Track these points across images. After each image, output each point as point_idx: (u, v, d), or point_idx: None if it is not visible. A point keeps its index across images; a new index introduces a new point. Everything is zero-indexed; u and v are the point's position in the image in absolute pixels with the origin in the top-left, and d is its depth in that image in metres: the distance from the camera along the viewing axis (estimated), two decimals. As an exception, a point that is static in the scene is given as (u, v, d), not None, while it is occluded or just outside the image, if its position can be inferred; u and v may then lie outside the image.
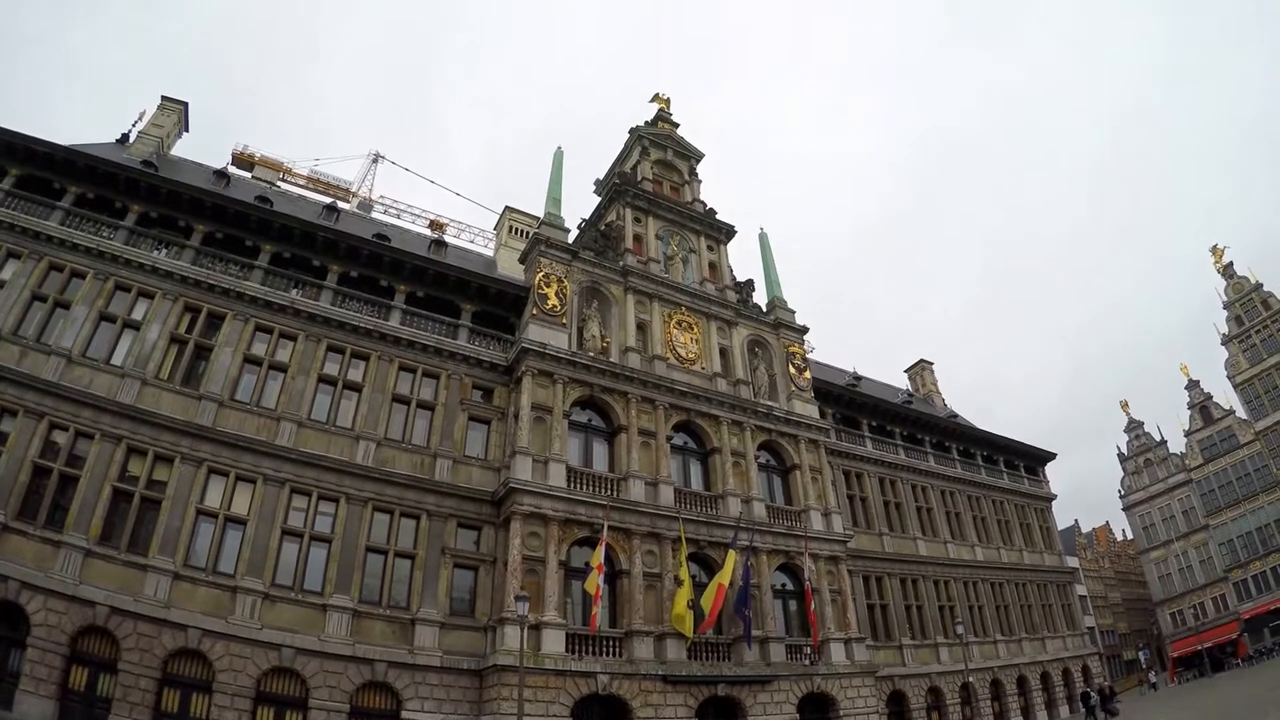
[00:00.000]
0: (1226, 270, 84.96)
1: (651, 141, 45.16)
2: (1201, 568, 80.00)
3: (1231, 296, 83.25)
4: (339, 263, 32.87)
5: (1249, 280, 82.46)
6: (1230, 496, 78.68)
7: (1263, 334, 79.51)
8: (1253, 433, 77.97)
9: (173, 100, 41.80)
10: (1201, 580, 79.52)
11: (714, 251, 43.58)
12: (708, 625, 30.08)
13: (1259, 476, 76.57)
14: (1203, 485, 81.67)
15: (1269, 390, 77.47)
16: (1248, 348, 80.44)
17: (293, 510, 27.06)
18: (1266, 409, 77.15)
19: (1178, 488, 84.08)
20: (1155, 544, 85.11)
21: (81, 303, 27.59)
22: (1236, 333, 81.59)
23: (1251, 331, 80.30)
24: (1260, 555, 74.29)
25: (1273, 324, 78.80)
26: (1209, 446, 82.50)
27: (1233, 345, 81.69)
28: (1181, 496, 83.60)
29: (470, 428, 31.97)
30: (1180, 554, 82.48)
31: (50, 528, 23.42)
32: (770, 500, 36.80)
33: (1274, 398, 76.88)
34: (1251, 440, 77.96)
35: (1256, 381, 78.63)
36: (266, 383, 29.12)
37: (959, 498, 49.50)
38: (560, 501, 29.57)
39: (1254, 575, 74.56)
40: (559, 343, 33.58)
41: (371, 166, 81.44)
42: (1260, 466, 76.65)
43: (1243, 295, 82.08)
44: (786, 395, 40.31)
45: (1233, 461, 79.48)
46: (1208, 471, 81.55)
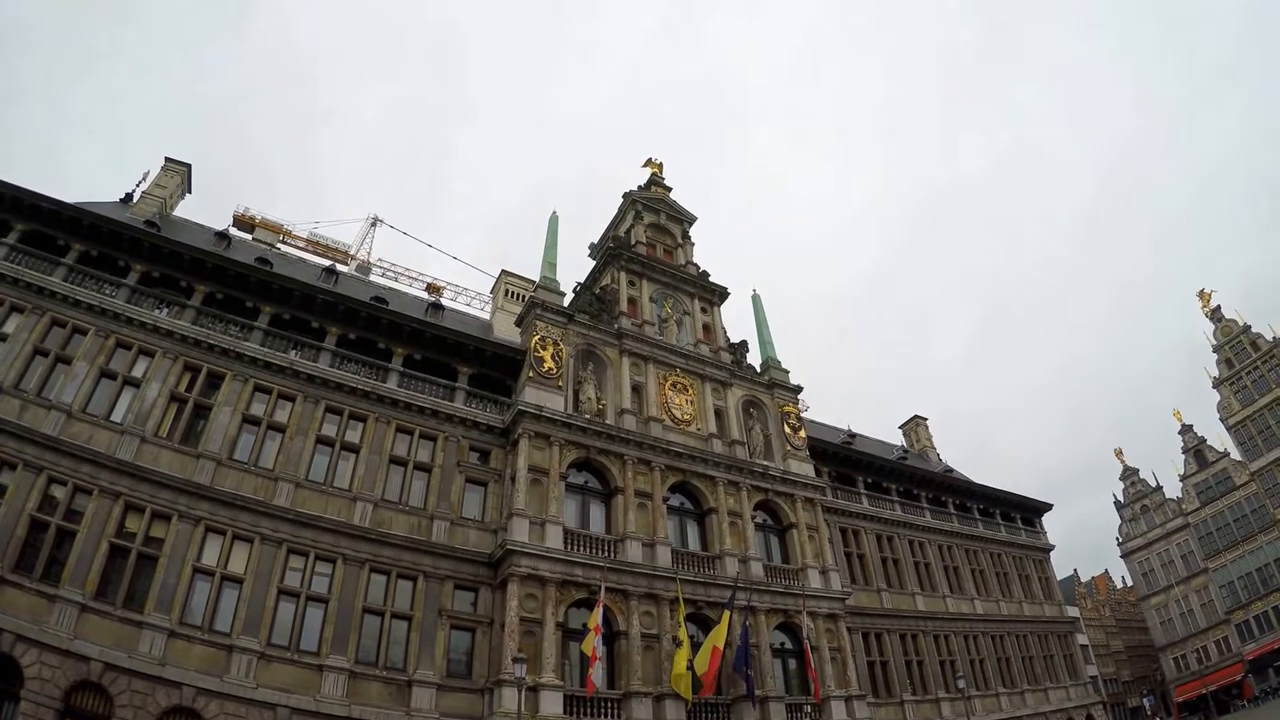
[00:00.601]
0: (1215, 314, 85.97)
1: (645, 205, 45.88)
2: (1203, 611, 79.93)
3: (1221, 339, 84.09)
4: (337, 325, 33.10)
5: (1237, 323, 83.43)
6: (1228, 538, 78.77)
7: (1253, 375, 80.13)
8: (1248, 474, 78.36)
9: (176, 162, 42.43)
10: (1203, 624, 79.43)
11: (707, 313, 44.05)
12: (706, 690, 29.88)
13: (1256, 517, 76.74)
14: (1200, 529, 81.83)
15: (1262, 430, 77.92)
16: (1239, 389, 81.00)
17: (289, 570, 26.91)
18: (1261, 449, 77.56)
19: (1175, 532, 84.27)
20: (1155, 590, 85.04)
21: (83, 359, 27.68)
22: (1227, 375, 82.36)
23: (1242, 373, 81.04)
24: (1261, 595, 74.38)
25: (1263, 364, 79.52)
26: (1205, 490, 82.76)
27: (1224, 388, 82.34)
28: (1180, 541, 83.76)
29: (467, 489, 31.95)
30: (1181, 598, 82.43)
31: (46, 581, 23.28)
32: (768, 559, 36.79)
33: (1268, 438, 77.33)
34: (1247, 481, 78.33)
35: (1249, 422, 79.14)
36: (265, 442, 29.11)
37: (956, 551, 49.25)
38: (557, 563, 29.52)
39: (1256, 615, 74.55)
40: (555, 405, 33.78)
41: (370, 230, 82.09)
42: (1257, 507, 76.90)
43: (1231, 338, 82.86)
44: (782, 455, 40.48)
45: (1229, 503, 79.73)
46: (1205, 515, 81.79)
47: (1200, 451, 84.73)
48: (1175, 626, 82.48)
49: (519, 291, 48.82)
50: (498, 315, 47.36)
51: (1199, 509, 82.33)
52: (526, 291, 47.03)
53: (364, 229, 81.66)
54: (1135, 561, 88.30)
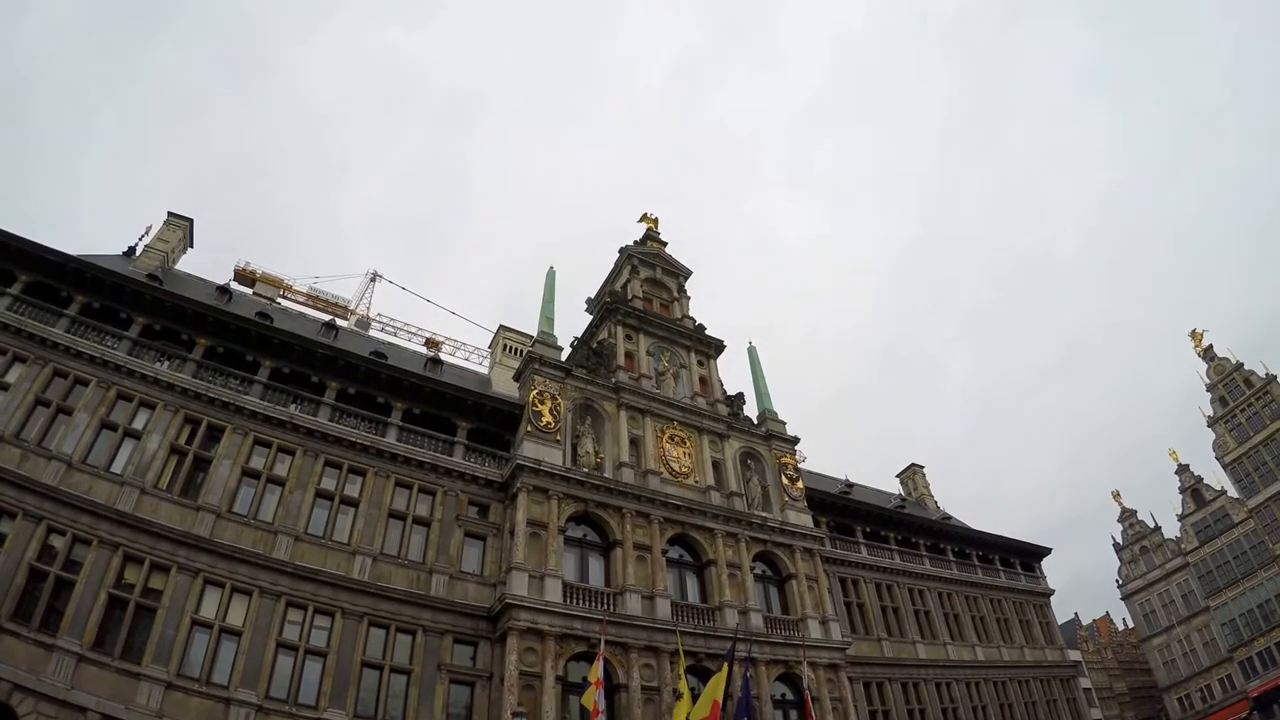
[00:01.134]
0: (1207, 353, 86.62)
1: (641, 260, 46.46)
2: (1205, 650, 79.46)
3: (1214, 378, 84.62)
4: (337, 379, 33.35)
5: (1230, 361, 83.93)
6: (1229, 576, 78.50)
7: (1247, 412, 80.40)
8: (1245, 511, 78.28)
9: (178, 216, 42.90)
10: (1206, 662, 78.89)
11: (704, 366, 44.40)
12: None
13: (1255, 553, 76.56)
14: (1200, 567, 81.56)
15: (1259, 467, 77.97)
16: (1234, 427, 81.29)
17: (288, 623, 26.80)
18: (1258, 486, 77.57)
19: (1175, 572, 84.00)
20: (1157, 630, 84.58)
21: (84, 410, 27.76)
22: (1222, 413, 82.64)
23: (1236, 411, 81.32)
24: (1264, 631, 73.95)
25: (1256, 401, 79.84)
26: (1203, 528, 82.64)
27: (1219, 426, 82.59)
28: (1180, 580, 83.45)
29: (466, 543, 31.95)
30: (1183, 638, 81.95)
31: (44, 631, 23.17)
32: (767, 610, 36.69)
33: (1264, 474, 77.36)
34: (1245, 518, 78.24)
35: (1245, 460, 79.18)
36: (264, 496, 29.15)
37: (956, 599, 49.04)
38: (557, 617, 29.46)
39: (1259, 652, 74.09)
40: (553, 459, 33.90)
41: (369, 285, 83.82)
42: (1256, 543, 76.71)
43: (1224, 376, 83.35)
44: (780, 505, 40.51)
45: (1228, 541, 79.52)
46: (1204, 553, 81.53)
47: (1197, 490, 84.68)
48: (1178, 666, 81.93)
49: (517, 346, 49.25)
50: (496, 370, 47.79)
51: (1198, 548, 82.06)
52: (524, 346, 47.46)
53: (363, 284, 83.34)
54: (1136, 603, 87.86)
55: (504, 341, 49.91)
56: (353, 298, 77.11)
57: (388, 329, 67.84)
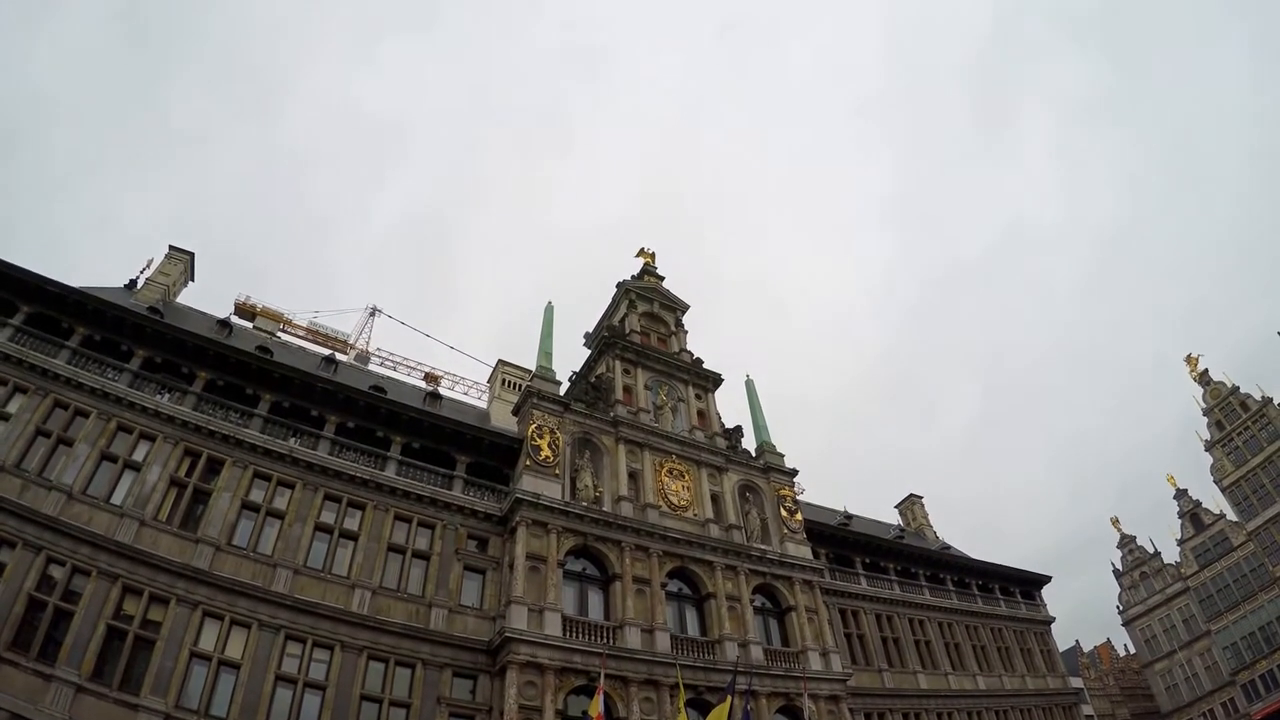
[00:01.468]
0: (1203, 377, 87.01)
1: (638, 295, 46.83)
2: (1207, 674, 79.28)
3: (1210, 402, 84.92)
4: (337, 413, 33.47)
5: (1226, 385, 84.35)
6: (1229, 599, 78.45)
7: (1244, 435, 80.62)
8: (1245, 534, 78.40)
9: (179, 250, 43.21)
10: (1209, 686, 78.70)
11: (702, 400, 44.59)
12: None
13: (1256, 576, 76.55)
14: (1200, 592, 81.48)
15: (1257, 490, 78.07)
16: (1231, 450, 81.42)
17: (287, 656, 26.71)
18: (1256, 508, 77.65)
19: (1176, 597, 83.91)
20: (1159, 655, 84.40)
21: (84, 441, 27.85)
22: (1219, 437, 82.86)
23: (1233, 434, 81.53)
24: (1266, 654, 73.85)
25: (1253, 424, 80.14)
26: (1203, 552, 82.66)
27: (1216, 450, 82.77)
28: (1180, 605, 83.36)
29: (466, 577, 31.92)
30: (1185, 663, 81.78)
31: (43, 660, 23.13)
32: (767, 642, 36.58)
33: (1262, 496, 77.47)
34: (1245, 541, 78.34)
35: (1244, 483, 79.33)
36: (264, 529, 29.16)
37: (957, 628, 48.88)
38: (556, 650, 29.39)
39: (1261, 674, 73.92)
40: (552, 493, 33.94)
41: (368, 320, 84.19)
42: (1256, 566, 76.72)
43: (1221, 400, 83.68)
44: (779, 538, 40.50)
45: (1228, 564, 79.55)
46: (1204, 578, 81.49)
47: (1196, 515, 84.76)
48: (1180, 691, 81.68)
49: (515, 381, 49.46)
50: (495, 404, 48.03)
51: (1198, 572, 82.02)
52: (523, 381, 47.60)
53: (363, 319, 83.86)
54: (1137, 628, 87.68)
55: (502, 376, 50.16)
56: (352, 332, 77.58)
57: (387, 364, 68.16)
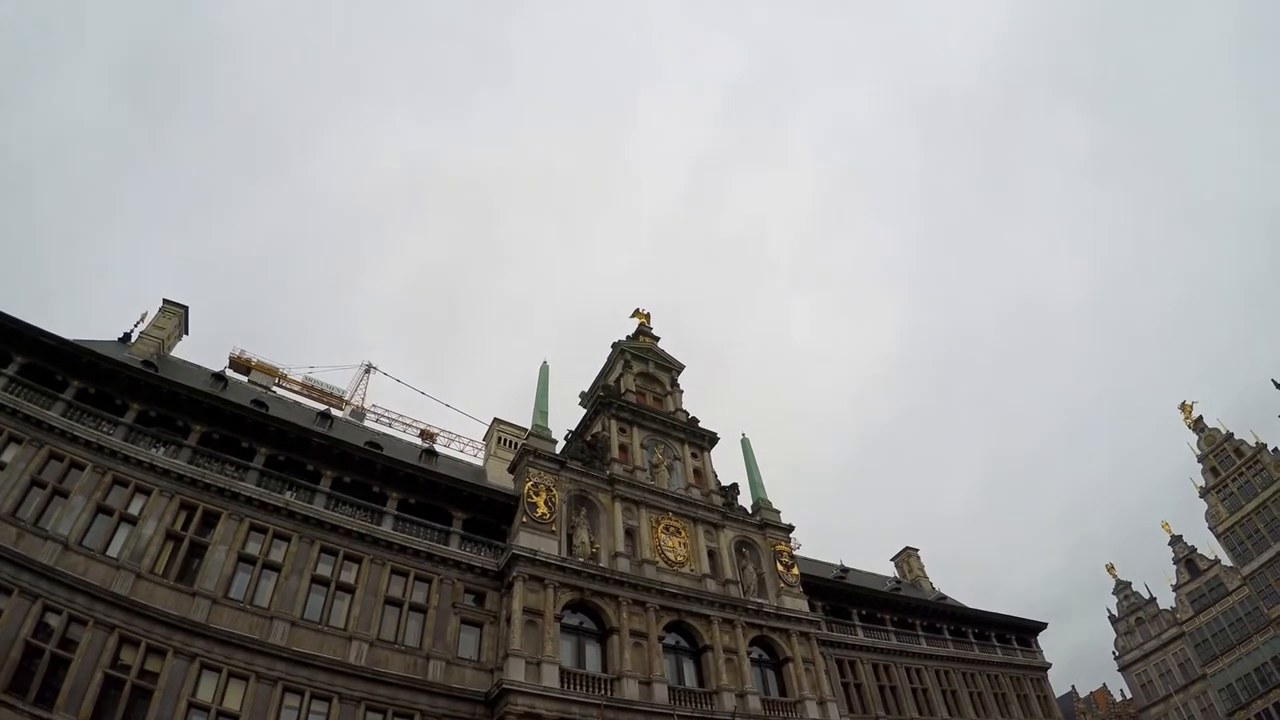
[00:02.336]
0: (1197, 424, 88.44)
1: (634, 355, 47.84)
2: (1203, 715, 79.68)
3: (1205, 449, 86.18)
4: (332, 468, 33.67)
5: (1220, 431, 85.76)
6: (1225, 643, 79.04)
7: (1239, 481, 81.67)
8: (1240, 578, 79.25)
9: (174, 304, 43.56)
10: (1205, 729, 78.57)
11: (698, 458, 45.30)
12: None
13: (1251, 619, 77.35)
14: (1196, 636, 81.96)
15: (1251, 535, 78.99)
16: (1226, 496, 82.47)
17: (285, 708, 26.62)
18: (1251, 553, 78.59)
19: (1171, 642, 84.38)
20: (1155, 700, 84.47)
21: (80, 493, 27.89)
22: (1213, 483, 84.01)
23: (1228, 480, 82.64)
24: (1261, 694, 74.43)
25: (1247, 470, 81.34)
26: (1198, 598, 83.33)
27: (1211, 496, 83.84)
28: (1176, 650, 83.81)
29: (463, 630, 32.00)
30: (1181, 706, 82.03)
31: (40, 706, 22.91)
32: (765, 693, 36.85)
33: (1257, 541, 78.41)
34: (1240, 586, 79.19)
35: (1238, 528, 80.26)
36: (260, 581, 29.18)
37: (954, 676, 49.06)
38: (554, 702, 29.50)
39: (1257, 714, 74.57)
40: (549, 549, 34.30)
41: (364, 376, 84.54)
42: (1251, 610, 77.55)
43: (1215, 447, 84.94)
44: (776, 592, 40.94)
45: (1223, 609, 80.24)
46: (1199, 622, 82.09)
47: (1191, 560, 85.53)
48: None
49: (511, 439, 49.83)
50: (491, 461, 48.36)
51: (1193, 617, 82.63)
52: (519, 439, 47.82)
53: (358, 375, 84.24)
54: (1133, 673, 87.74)
55: (498, 434, 50.48)
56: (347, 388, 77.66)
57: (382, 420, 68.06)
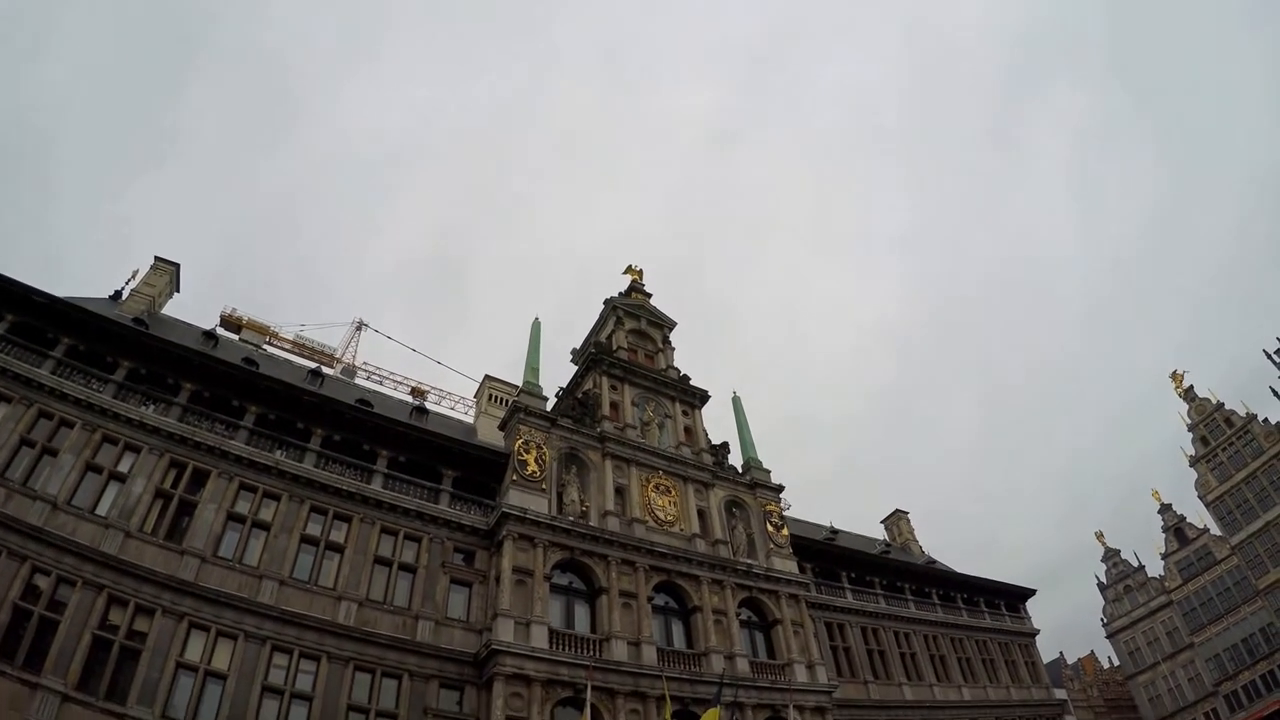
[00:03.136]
0: (1188, 393, 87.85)
1: (626, 312, 47.15)
2: (1190, 685, 79.77)
3: (1195, 418, 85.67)
4: (323, 426, 33.38)
5: (1210, 401, 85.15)
6: (1212, 612, 79.11)
7: (1229, 451, 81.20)
8: (1228, 548, 79.02)
9: (165, 261, 42.92)
10: (1192, 697, 79.22)
11: (689, 416, 44.82)
12: None
13: (1239, 589, 77.22)
14: (1184, 605, 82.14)
15: (1240, 505, 78.66)
16: (1215, 466, 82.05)
17: (273, 667, 26.63)
18: (1240, 523, 78.22)
19: (1159, 610, 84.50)
20: (1142, 667, 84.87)
21: (69, 451, 27.66)
22: (1203, 453, 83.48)
23: (1218, 450, 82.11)
24: (1249, 665, 74.43)
25: (1238, 440, 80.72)
26: (1186, 566, 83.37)
27: (1201, 465, 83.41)
28: (1164, 618, 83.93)
29: (452, 590, 31.91)
30: (1168, 674, 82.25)
31: (28, 669, 22.89)
32: (753, 655, 36.65)
33: (1246, 511, 78.05)
34: (1228, 555, 79.00)
35: (1228, 497, 79.93)
36: (249, 540, 29.04)
37: (942, 641, 49.04)
38: (543, 663, 29.44)
39: (1244, 685, 74.56)
40: (539, 507, 34.01)
41: (355, 334, 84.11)
42: (1240, 579, 77.35)
43: (1205, 416, 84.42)
44: (765, 553, 40.62)
45: (1212, 578, 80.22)
46: (1187, 591, 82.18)
47: (1180, 529, 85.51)
48: (1164, 702, 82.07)
49: (502, 396, 49.31)
50: (482, 419, 47.81)
51: (1181, 585, 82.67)
52: (510, 396, 47.41)
53: (349, 333, 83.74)
54: (1121, 641, 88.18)
55: (489, 391, 50.05)
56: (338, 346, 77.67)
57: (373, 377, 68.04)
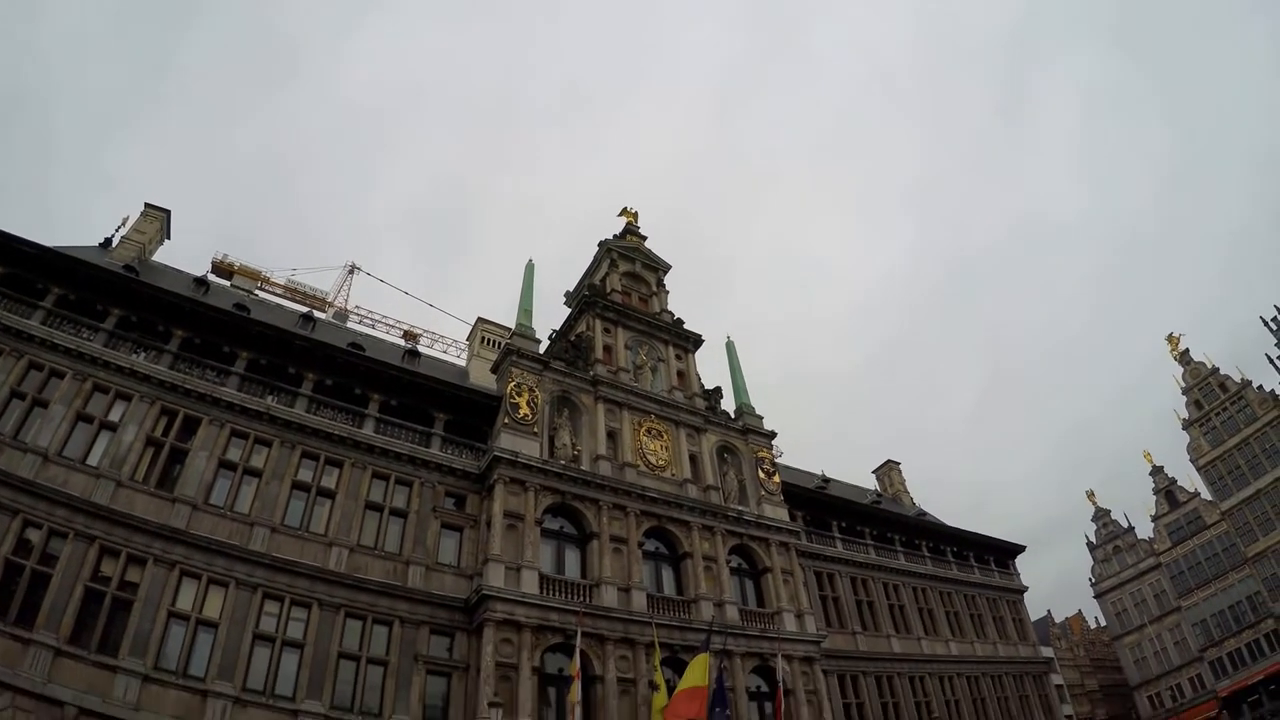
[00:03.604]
0: (1183, 357, 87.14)
1: (620, 254, 46.67)
2: (1176, 649, 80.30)
3: (1189, 382, 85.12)
4: (314, 371, 33.21)
5: (1205, 365, 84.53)
6: (1200, 577, 79.40)
7: (1222, 416, 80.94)
8: (1218, 513, 78.94)
9: (155, 208, 42.61)
10: (1177, 661, 79.75)
11: (682, 360, 44.54)
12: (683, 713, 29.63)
13: (1228, 555, 77.41)
14: (1172, 568, 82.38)
15: (1232, 471, 78.59)
16: (1208, 430, 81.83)
17: (265, 615, 26.77)
18: (1231, 489, 78.18)
19: (1148, 572, 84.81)
20: (1129, 629, 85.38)
21: (60, 402, 27.54)
22: (1197, 416, 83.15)
23: (1211, 414, 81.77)
24: (1235, 632, 74.82)
25: (1232, 406, 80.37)
26: (1176, 530, 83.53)
27: (1193, 429, 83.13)
28: (1152, 580, 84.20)
29: (443, 535, 31.99)
30: (1154, 637, 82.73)
31: (20, 625, 22.93)
32: (743, 603, 36.91)
33: (1237, 477, 77.99)
34: (1218, 521, 79.02)
35: (1219, 463, 79.84)
36: (241, 487, 29.04)
37: (931, 594, 49.38)
38: (533, 608, 29.61)
39: (1229, 652, 74.99)
40: (531, 451, 33.92)
41: (347, 277, 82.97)
42: (1229, 545, 77.50)
43: (1200, 380, 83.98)
44: (756, 499, 40.69)
45: (1201, 543, 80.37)
46: (1176, 554, 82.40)
47: (1171, 492, 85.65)
48: (1149, 665, 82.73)
49: (495, 339, 49.17)
50: (474, 362, 47.77)
51: (1171, 549, 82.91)
52: (502, 339, 47.15)
53: (341, 276, 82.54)
54: (1108, 601, 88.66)
55: (482, 334, 49.85)
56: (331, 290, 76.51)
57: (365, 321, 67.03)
